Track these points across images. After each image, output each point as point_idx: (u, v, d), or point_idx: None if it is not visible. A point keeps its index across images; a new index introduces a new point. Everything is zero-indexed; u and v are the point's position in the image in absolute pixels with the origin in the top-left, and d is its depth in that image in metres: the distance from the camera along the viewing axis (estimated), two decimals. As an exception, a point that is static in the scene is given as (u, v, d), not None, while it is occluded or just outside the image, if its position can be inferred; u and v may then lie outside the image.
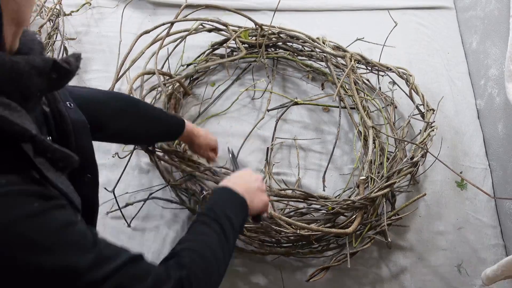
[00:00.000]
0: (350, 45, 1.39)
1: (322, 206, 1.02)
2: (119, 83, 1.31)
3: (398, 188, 1.16)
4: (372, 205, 1.05)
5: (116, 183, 1.11)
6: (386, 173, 1.08)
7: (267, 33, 1.31)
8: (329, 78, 1.36)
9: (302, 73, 1.43)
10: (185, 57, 1.39)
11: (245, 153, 1.25)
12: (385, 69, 1.30)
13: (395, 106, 1.33)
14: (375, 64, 1.31)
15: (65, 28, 1.45)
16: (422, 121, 1.21)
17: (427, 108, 1.21)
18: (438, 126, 1.20)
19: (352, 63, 1.24)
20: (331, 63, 1.31)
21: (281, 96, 1.35)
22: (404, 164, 1.07)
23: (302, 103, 1.29)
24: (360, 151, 1.24)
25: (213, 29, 1.30)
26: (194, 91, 1.36)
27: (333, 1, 1.64)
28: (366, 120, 1.19)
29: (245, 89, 1.35)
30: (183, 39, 1.29)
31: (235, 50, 1.39)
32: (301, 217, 1.05)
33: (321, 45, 1.30)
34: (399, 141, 1.17)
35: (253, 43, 1.32)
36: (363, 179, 1.05)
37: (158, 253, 1.09)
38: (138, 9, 1.55)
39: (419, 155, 1.08)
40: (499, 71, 1.29)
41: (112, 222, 1.13)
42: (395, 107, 1.33)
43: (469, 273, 1.13)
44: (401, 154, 1.15)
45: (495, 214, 1.22)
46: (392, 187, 1.04)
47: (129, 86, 1.06)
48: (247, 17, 1.28)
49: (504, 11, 1.30)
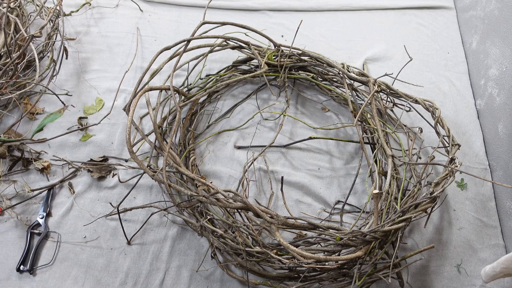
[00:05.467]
0: (379, 78, 1.31)
1: (331, 236, 0.97)
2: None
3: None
4: (384, 239, 1.01)
5: (121, 200, 1.12)
6: (400, 207, 1.03)
7: (288, 53, 1.29)
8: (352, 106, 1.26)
9: (320, 95, 1.40)
10: (204, 71, 1.39)
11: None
12: (410, 100, 1.25)
13: (422, 140, 1.31)
14: (400, 95, 1.26)
15: (65, 28, 1.45)
16: (445, 155, 1.17)
17: (452, 143, 1.16)
18: (462, 163, 1.16)
19: (375, 88, 1.20)
20: (353, 88, 1.29)
21: (297, 120, 1.34)
22: (422, 199, 1.02)
23: (317, 138, 1.26)
24: (375, 182, 1.18)
25: (236, 46, 1.30)
26: (211, 106, 1.36)
27: (333, 1, 1.64)
28: (385, 149, 1.16)
29: (260, 110, 1.34)
30: (205, 56, 1.27)
31: (256, 68, 1.38)
32: (308, 246, 1.02)
33: (344, 70, 1.26)
34: (420, 177, 1.13)
35: (274, 64, 1.31)
36: (377, 193, 0.94)
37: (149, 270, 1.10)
38: (138, 9, 1.55)
39: (438, 190, 1.02)
40: (499, 71, 1.29)
41: (111, 222, 1.13)
42: (422, 141, 1.31)
43: (469, 273, 1.13)
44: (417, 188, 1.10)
45: (495, 214, 1.22)
46: (408, 222, 0.99)
47: (135, 102, 1.03)
48: (268, 37, 1.27)
49: (504, 11, 1.30)
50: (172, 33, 1.51)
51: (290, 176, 1.23)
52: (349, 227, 1.14)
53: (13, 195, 1.14)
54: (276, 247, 1.02)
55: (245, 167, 1.16)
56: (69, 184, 1.18)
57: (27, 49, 1.27)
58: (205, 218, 1.04)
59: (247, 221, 1.03)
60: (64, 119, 1.28)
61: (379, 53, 1.52)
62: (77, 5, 1.51)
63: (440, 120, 1.21)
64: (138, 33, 1.49)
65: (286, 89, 1.37)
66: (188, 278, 1.07)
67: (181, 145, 1.23)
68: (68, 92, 1.31)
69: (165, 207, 1.12)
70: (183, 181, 1.11)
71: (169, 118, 1.27)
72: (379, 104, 1.33)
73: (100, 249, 1.09)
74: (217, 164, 1.25)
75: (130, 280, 1.06)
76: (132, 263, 1.08)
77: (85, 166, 1.19)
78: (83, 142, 1.25)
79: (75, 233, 1.11)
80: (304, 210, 1.19)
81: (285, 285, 1.05)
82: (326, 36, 1.56)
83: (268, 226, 0.95)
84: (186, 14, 1.56)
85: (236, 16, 1.57)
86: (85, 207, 1.15)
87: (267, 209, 0.97)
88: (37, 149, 1.21)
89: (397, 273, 1.04)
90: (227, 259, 1.07)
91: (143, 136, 1.11)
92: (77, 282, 1.05)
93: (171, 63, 1.29)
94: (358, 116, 1.13)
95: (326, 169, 1.26)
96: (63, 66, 1.35)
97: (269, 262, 1.02)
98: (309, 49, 1.35)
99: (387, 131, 1.27)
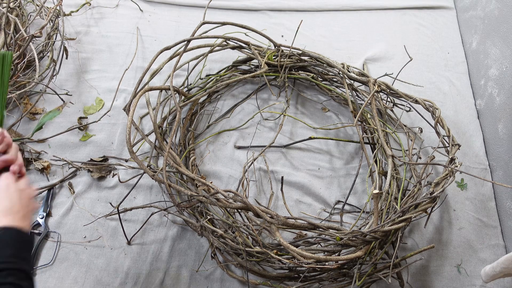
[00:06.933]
0: (379, 78, 1.32)
1: (331, 236, 0.97)
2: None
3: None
4: (384, 239, 1.01)
5: (121, 200, 1.12)
6: (400, 207, 1.03)
7: (289, 53, 1.29)
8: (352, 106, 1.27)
9: (320, 95, 1.40)
10: (204, 71, 1.39)
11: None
12: (410, 100, 1.26)
13: (422, 140, 1.31)
14: (400, 95, 1.26)
15: (65, 28, 1.45)
16: (445, 155, 1.17)
17: (452, 143, 1.16)
18: (462, 163, 1.17)
19: (376, 88, 1.20)
20: (353, 88, 1.29)
21: (296, 119, 1.34)
22: (422, 199, 1.02)
23: (317, 138, 1.26)
24: (375, 182, 1.18)
25: (236, 46, 1.29)
26: (212, 105, 1.36)
27: (333, 1, 1.64)
28: (385, 149, 1.16)
29: (260, 110, 1.34)
30: (205, 56, 1.27)
31: (256, 68, 1.38)
32: (308, 246, 1.02)
33: (344, 70, 1.26)
34: (420, 177, 1.13)
35: (275, 64, 1.30)
36: (377, 193, 0.94)
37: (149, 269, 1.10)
38: (138, 9, 1.55)
39: (438, 190, 1.02)
40: (499, 71, 1.29)
41: (112, 222, 1.13)
42: (422, 141, 1.31)
43: (469, 273, 1.13)
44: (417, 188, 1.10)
45: (495, 214, 1.22)
46: (408, 222, 0.99)
47: (135, 102, 1.02)
48: (268, 37, 1.27)
49: (504, 11, 1.30)
50: (172, 33, 1.51)
51: (290, 176, 1.23)
52: (349, 227, 1.14)
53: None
54: (276, 247, 1.02)
55: (245, 167, 1.16)
56: (69, 184, 1.18)
57: (27, 49, 1.27)
58: (205, 218, 1.04)
59: (247, 221, 1.03)
60: (64, 119, 1.28)
61: (379, 53, 1.52)
62: (77, 5, 1.51)
63: (440, 120, 1.21)
64: (138, 33, 1.49)
65: (286, 89, 1.37)
66: (188, 278, 1.07)
67: (181, 145, 1.23)
68: (68, 92, 1.31)
69: (165, 207, 1.12)
70: (183, 181, 1.11)
71: (169, 118, 1.27)
72: (379, 104, 1.33)
73: (100, 249, 1.09)
74: (217, 164, 1.25)
75: (130, 280, 1.06)
76: (132, 263, 1.08)
77: (85, 166, 1.19)
78: (83, 142, 1.25)
79: (75, 233, 1.11)
80: (304, 210, 1.19)
81: (285, 285, 1.05)
82: (326, 36, 1.56)
83: (268, 226, 0.95)
84: (186, 14, 1.56)
85: (236, 16, 1.57)
86: (85, 207, 1.15)
87: (267, 209, 0.97)
88: (37, 149, 1.21)
89: (397, 273, 1.04)
90: (227, 259, 1.07)
91: (143, 136, 1.11)
92: (77, 282, 1.05)
93: (171, 63, 1.29)
94: (358, 116, 1.13)
95: (326, 169, 1.26)
96: (63, 66, 1.35)
97: (269, 262, 1.02)
98: (309, 49, 1.35)
99: (387, 131, 1.27)
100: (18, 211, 0.66)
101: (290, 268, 1.03)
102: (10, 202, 0.67)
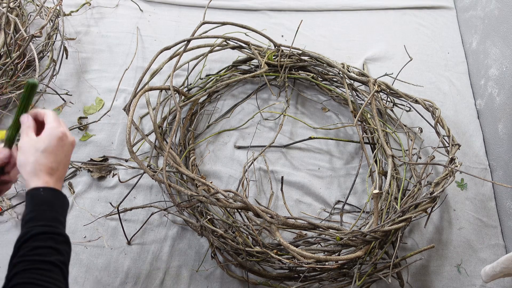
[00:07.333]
0: (379, 78, 1.32)
1: (331, 236, 0.97)
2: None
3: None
4: (384, 239, 1.01)
5: (121, 200, 1.12)
6: (400, 207, 1.03)
7: (288, 53, 1.29)
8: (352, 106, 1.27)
9: (320, 95, 1.40)
10: (204, 71, 1.39)
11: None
12: (410, 100, 1.26)
13: (422, 140, 1.32)
14: (400, 95, 1.26)
15: (65, 28, 1.45)
16: (445, 155, 1.17)
17: (452, 143, 1.16)
18: (462, 163, 1.16)
19: (376, 88, 1.20)
20: (353, 88, 1.29)
21: (296, 119, 1.34)
22: (422, 199, 1.02)
23: (317, 138, 1.27)
24: (375, 182, 1.18)
25: (236, 46, 1.29)
26: (212, 105, 1.36)
27: (333, 1, 1.64)
28: (385, 149, 1.16)
29: (260, 110, 1.34)
30: (205, 56, 1.27)
31: (256, 68, 1.38)
32: (308, 246, 1.03)
33: (344, 70, 1.26)
34: (420, 177, 1.13)
35: (275, 64, 1.30)
36: (377, 193, 0.94)
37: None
38: (138, 9, 1.55)
39: (438, 190, 1.02)
40: (499, 71, 1.29)
41: (111, 223, 1.13)
42: (422, 141, 1.32)
43: (469, 273, 1.13)
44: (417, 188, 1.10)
45: (495, 214, 1.22)
46: (408, 222, 0.99)
47: (135, 102, 1.02)
48: (268, 37, 1.27)
49: (504, 11, 1.30)
50: (172, 33, 1.51)
51: (290, 176, 1.23)
52: (349, 227, 1.14)
53: (13, 195, 1.14)
54: (276, 247, 1.02)
55: (245, 167, 1.16)
56: (69, 184, 1.18)
57: (27, 49, 1.27)
58: (205, 218, 1.04)
59: (247, 221, 1.03)
60: (64, 119, 1.28)
61: (379, 53, 1.52)
62: (77, 5, 1.51)
63: (440, 120, 1.21)
64: (138, 33, 1.49)
65: (286, 89, 1.37)
66: (188, 278, 1.07)
67: (181, 145, 1.23)
68: (68, 92, 1.31)
69: (165, 207, 1.12)
70: (183, 181, 1.11)
71: (169, 118, 1.27)
72: (379, 104, 1.33)
73: (100, 249, 1.09)
74: (217, 164, 1.25)
75: (130, 280, 1.06)
76: (132, 263, 1.08)
77: (85, 166, 1.19)
78: (83, 142, 1.25)
79: (75, 233, 1.11)
80: (304, 210, 1.19)
81: (285, 285, 1.05)
82: (326, 36, 1.56)
83: (268, 226, 0.95)
84: (186, 14, 1.56)
85: (236, 16, 1.57)
86: (85, 207, 1.15)
87: (267, 209, 0.97)
88: (37, 149, 1.21)
89: (397, 273, 1.04)
90: (227, 259, 1.06)
91: (143, 136, 1.11)
92: (77, 282, 1.05)
93: (171, 63, 1.29)
94: (358, 116, 1.13)
95: (326, 169, 1.26)
96: (63, 66, 1.35)
97: (269, 262, 1.02)
98: (309, 49, 1.35)
99: (387, 131, 1.27)
100: (61, 172, 0.63)
101: (290, 268, 1.03)
102: (56, 159, 0.62)
